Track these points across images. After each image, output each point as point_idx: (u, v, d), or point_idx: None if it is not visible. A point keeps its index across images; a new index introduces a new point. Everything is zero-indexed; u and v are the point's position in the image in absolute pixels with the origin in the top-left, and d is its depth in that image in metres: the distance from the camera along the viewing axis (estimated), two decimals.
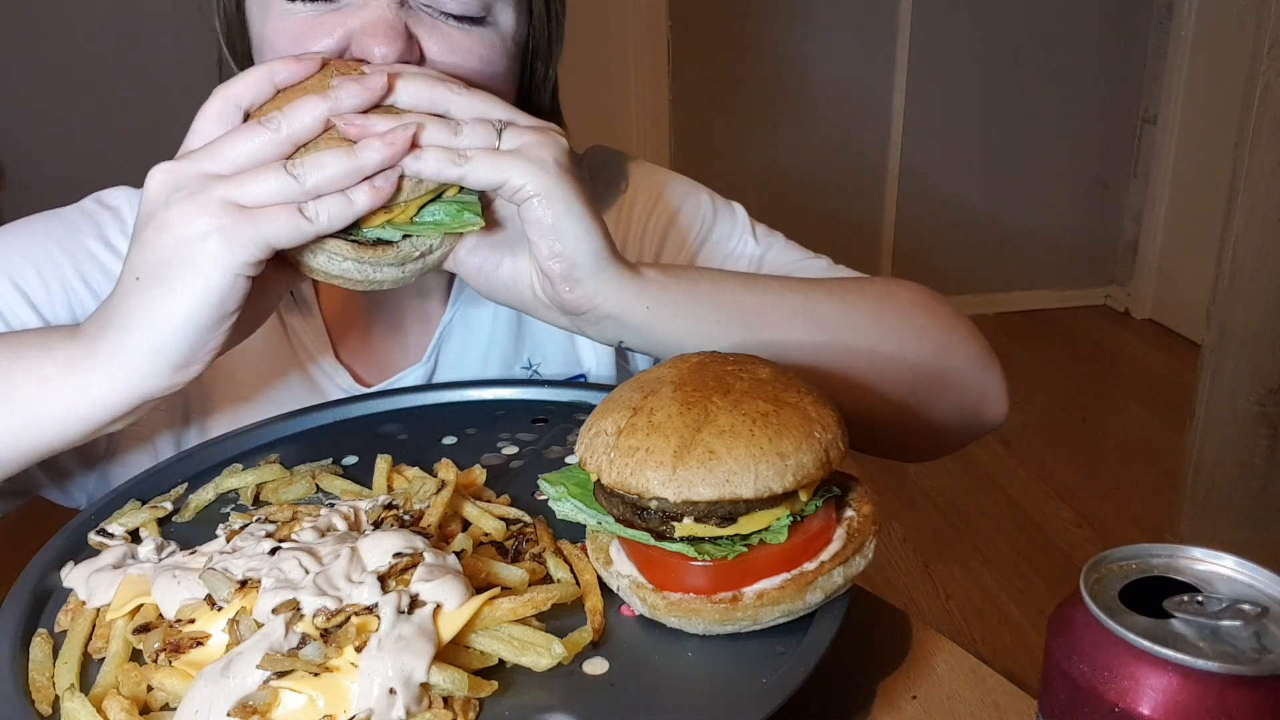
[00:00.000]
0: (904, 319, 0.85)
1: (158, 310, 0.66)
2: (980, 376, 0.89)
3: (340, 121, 0.67)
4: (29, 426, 0.69)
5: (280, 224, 0.65)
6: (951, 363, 0.87)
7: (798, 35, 3.87)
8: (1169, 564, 0.49)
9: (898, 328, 0.84)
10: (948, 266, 4.26)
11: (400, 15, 0.76)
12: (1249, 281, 2.25)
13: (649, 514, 0.58)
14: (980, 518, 2.84)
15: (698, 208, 1.03)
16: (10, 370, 0.69)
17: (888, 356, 0.83)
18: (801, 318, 0.80)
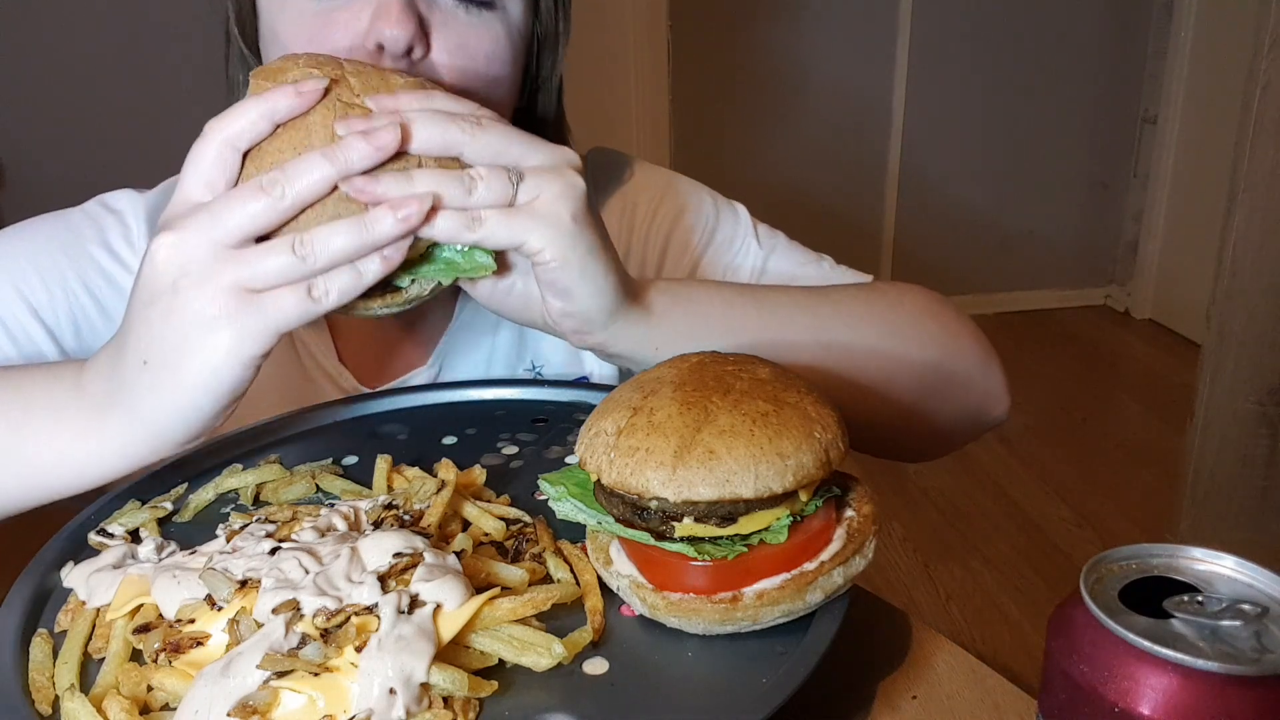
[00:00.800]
0: (912, 327, 0.86)
1: (166, 399, 0.65)
2: (984, 377, 0.90)
3: (348, 188, 0.63)
4: (40, 480, 0.71)
5: (289, 310, 0.64)
6: (956, 366, 0.88)
7: (798, 36, 3.87)
8: (1169, 564, 0.50)
9: (905, 336, 0.85)
10: (948, 266, 4.26)
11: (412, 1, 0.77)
12: (1249, 281, 2.25)
13: (649, 514, 0.58)
14: (980, 518, 2.84)
15: (700, 210, 1.02)
16: (20, 433, 0.70)
17: (896, 365, 0.84)
18: (811, 336, 0.81)
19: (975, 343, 0.90)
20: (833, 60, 3.91)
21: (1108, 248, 4.34)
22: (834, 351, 0.81)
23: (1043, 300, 4.37)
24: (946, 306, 0.90)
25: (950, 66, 3.98)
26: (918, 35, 3.91)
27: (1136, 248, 4.23)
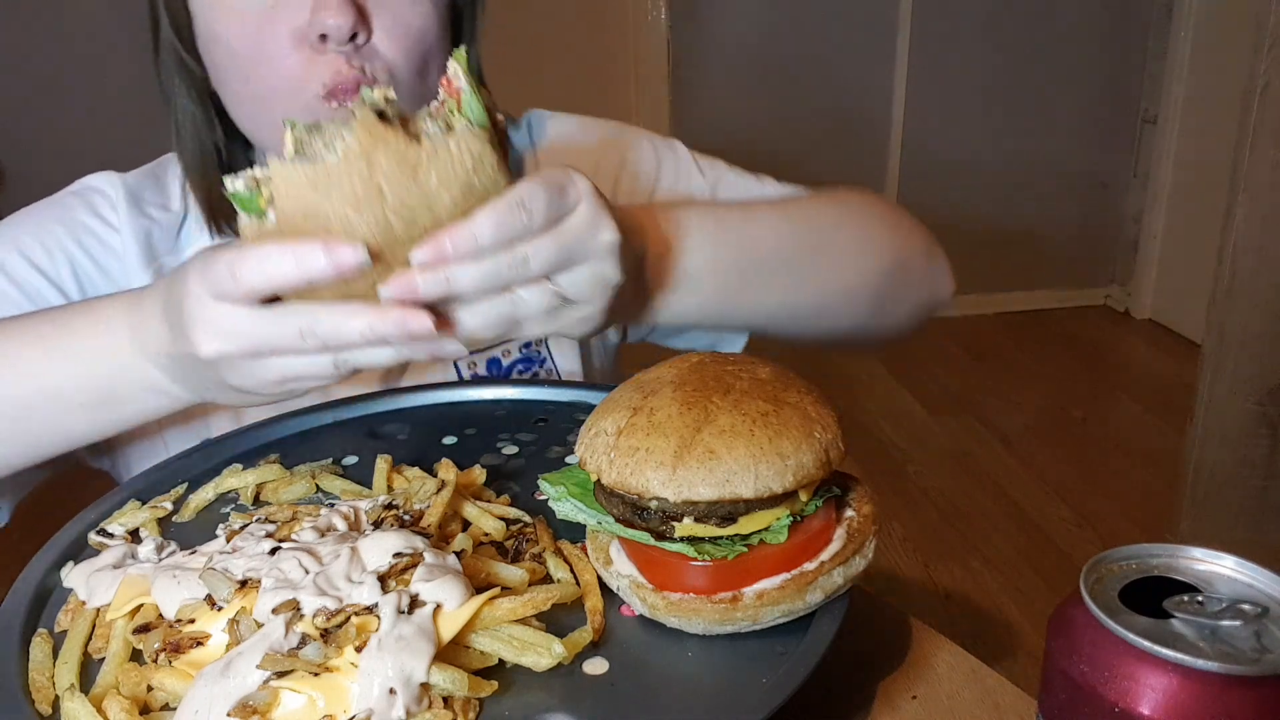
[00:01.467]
0: (875, 227, 0.94)
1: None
2: (932, 263, 1.00)
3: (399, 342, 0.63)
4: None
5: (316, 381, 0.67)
6: (912, 257, 0.97)
7: (798, 35, 3.87)
8: (1169, 564, 0.50)
9: (872, 235, 0.94)
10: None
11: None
12: (1249, 281, 2.25)
13: (649, 514, 0.58)
14: (980, 518, 2.84)
15: (641, 155, 1.06)
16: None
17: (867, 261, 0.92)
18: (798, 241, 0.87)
19: (923, 236, 0.99)
20: (833, 59, 3.91)
21: (1108, 248, 4.33)
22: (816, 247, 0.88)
23: (1043, 300, 4.37)
24: (894, 207, 0.98)
25: (950, 66, 3.98)
26: (918, 34, 3.91)
27: (1136, 248, 4.23)
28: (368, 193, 0.58)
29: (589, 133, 1.08)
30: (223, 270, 0.60)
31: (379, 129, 0.58)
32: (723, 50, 3.84)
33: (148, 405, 0.73)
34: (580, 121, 1.09)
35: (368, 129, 0.57)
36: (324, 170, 0.57)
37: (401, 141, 0.58)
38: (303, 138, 0.60)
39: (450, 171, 0.59)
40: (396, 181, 0.58)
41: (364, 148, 0.57)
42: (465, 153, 0.59)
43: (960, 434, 3.30)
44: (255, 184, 0.61)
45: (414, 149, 0.58)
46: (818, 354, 3.76)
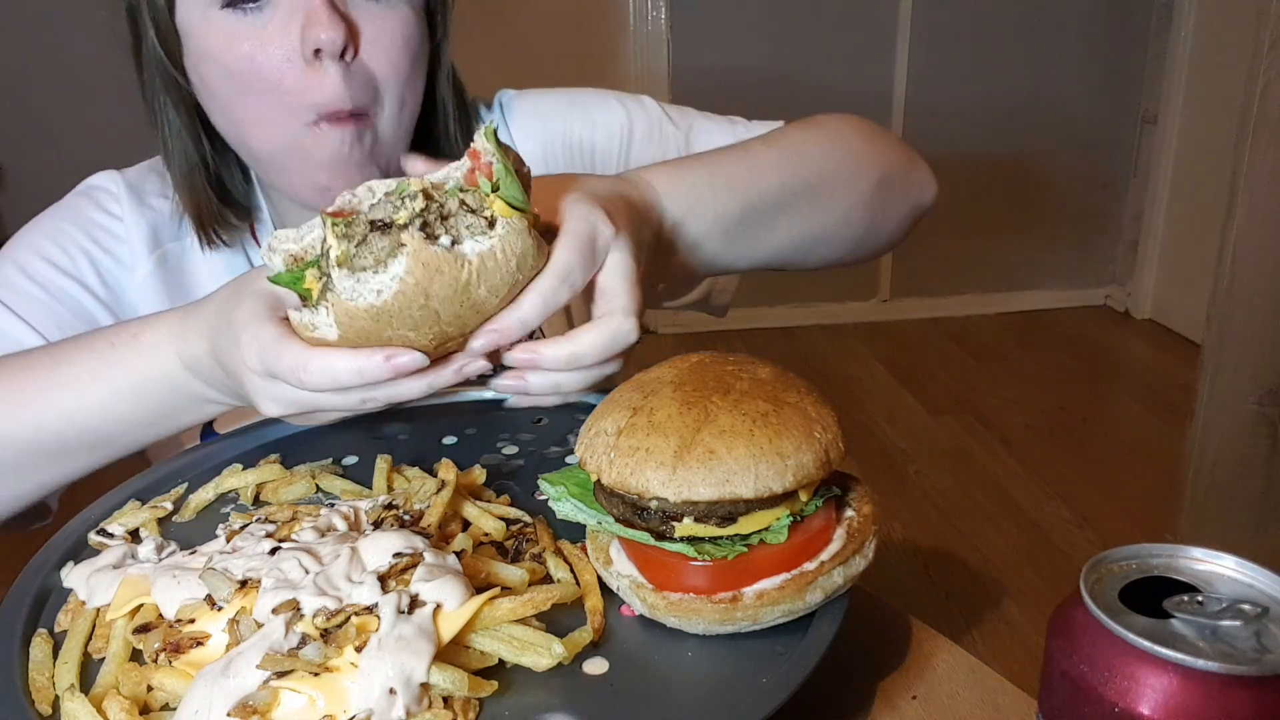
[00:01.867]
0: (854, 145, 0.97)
1: None
2: (914, 170, 1.05)
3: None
4: None
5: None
6: (893, 168, 1.00)
7: (797, 36, 3.87)
8: (1169, 564, 0.50)
9: (853, 154, 0.96)
10: (948, 266, 4.26)
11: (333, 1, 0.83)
12: (1249, 281, 2.25)
13: (649, 514, 0.58)
14: (980, 518, 2.84)
15: (611, 116, 1.09)
16: None
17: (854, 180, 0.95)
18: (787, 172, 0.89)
19: (901, 147, 1.04)
20: (833, 59, 3.91)
21: (1108, 248, 4.33)
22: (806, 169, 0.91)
23: (1043, 300, 4.37)
24: (868, 123, 1.01)
25: (950, 66, 3.98)
26: (918, 34, 3.91)
27: (1136, 248, 4.23)
28: (425, 318, 0.62)
29: (558, 103, 1.11)
30: (286, 371, 0.63)
31: (432, 260, 0.61)
32: (722, 52, 3.84)
33: (204, 412, 0.76)
34: (549, 95, 1.12)
35: (422, 263, 0.60)
36: (385, 309, 0.61)
37: (453, 267, 0.61)
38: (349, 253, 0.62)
39: (498, 278, 0.63)
40: (450, 303, 0.62)
41: (420, 284, 0.61)
42: (509, 256, 0.63)
43: (960, 434, 3.30)
44: (294, 262, 0.66)
45: (464, 270, 0.62)
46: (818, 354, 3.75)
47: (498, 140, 0.65)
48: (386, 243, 0.62)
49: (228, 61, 0.84)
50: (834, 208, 0.93)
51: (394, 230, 0.62)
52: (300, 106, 0.85)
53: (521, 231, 0.63)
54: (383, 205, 0.64)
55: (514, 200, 0.64)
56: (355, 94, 0.86)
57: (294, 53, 0.84)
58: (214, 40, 0.84)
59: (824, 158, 0.93)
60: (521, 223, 0.63)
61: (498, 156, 0.64)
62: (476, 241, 0.62)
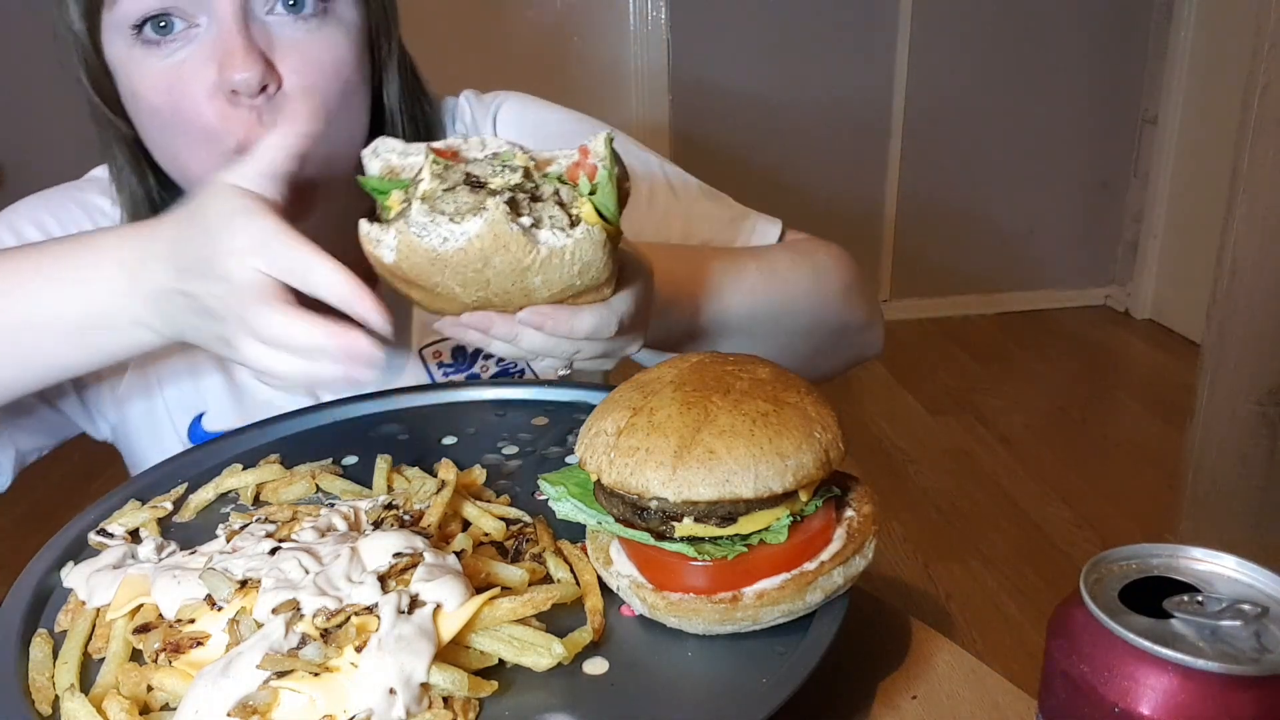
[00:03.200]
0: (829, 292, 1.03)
1: None
2: (869, 328, 1.10)
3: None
4: None
5: None
6: (852, 321, 1.07)
7: (798, 36, 3.86)
8: (1169, 564, 0.50)
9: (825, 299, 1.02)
10: (948, 266, 4.26)
11: (248, 35, 0.80)
12: (1249, 281, 2.25)
13: (649, 514, 0.58)
14: (980, 518, 2.84)
15: None
16: None
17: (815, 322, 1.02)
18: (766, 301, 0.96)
19: (867, 304, 1.08)
20: (833, 59, 3.91)
21: (1108, 248, 4.33)
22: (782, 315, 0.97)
23: (1043, 300, 4.37)
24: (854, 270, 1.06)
25: (950, 66, 3.97)
26: (917, 35, 3.91)
27: (1136, 248, 4.23)
28: (475, 280, 0.65)
29: (560, 123, 1.08)
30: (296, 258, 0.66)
31: (504, 235, 0.62)
32: (723, 53, 3.84)
33: (133, 339, 0.76)
34: (553, 111, 1.09)
35: (495, 233, 0.62)
36: (444, 257, 0.63)
37: (521, 248, 0.63)
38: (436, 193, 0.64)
39: (557, 275, 0.65)
40: (504, 277, 0.64)
41: (485, 251, 0.62)
42: (576, 260, 0.64)
43: (960, 434, 3.30)
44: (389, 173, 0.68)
45: (530, 255, 0.63)
46: None
47: (612, 149, 0.66)
48: (471, 200, 0.64)
49: (151, 99, 0.83)
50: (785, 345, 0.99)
51: (483, 192, 0.64)
52: (223, 143, 0.83)
53: (598, 243, 0.64)
54: (485, 164, 0.66)
55: (605, 209, 0.65)
56: None
57: (213, 89, 0.81)
58: (137, 78, 0.83)
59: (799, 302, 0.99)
60: (601, 234, 0.64)
61: (605, 164, 0.65)
62: (553, 235, 0.64)
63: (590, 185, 0.66)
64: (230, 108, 0.82)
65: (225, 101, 0.82)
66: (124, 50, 0.82)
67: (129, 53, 0.82)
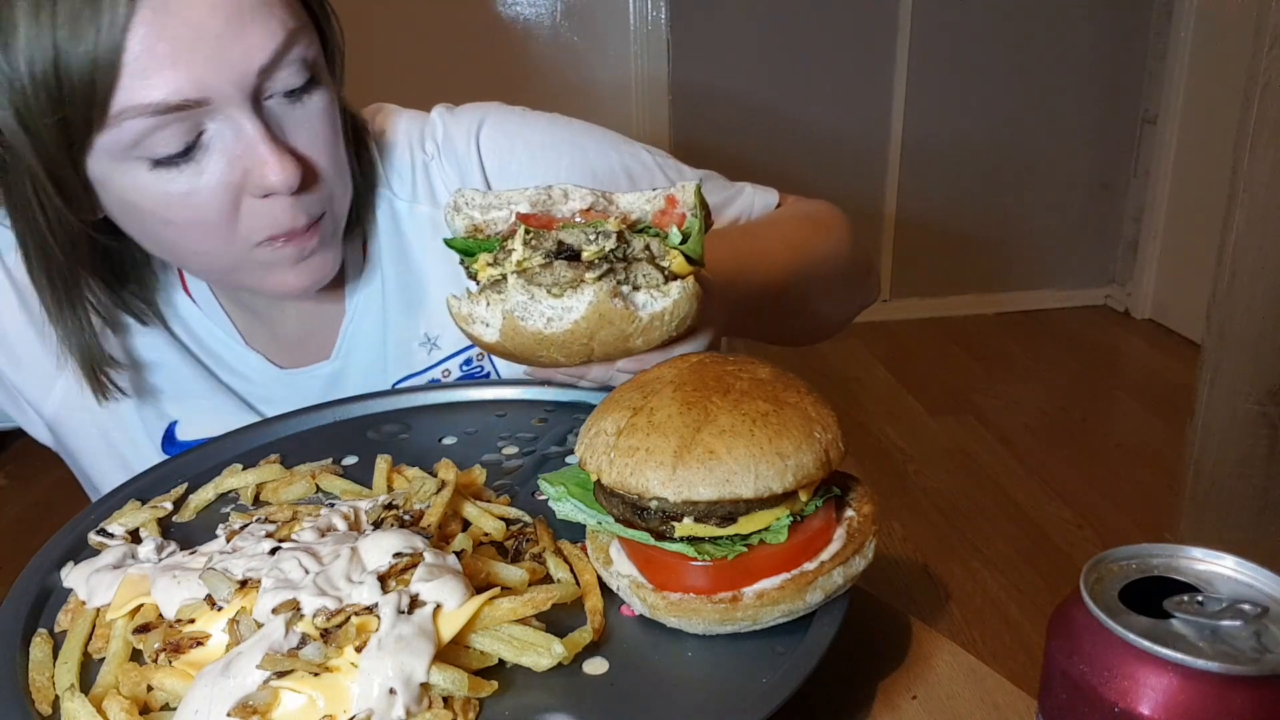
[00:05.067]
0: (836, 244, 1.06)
1: None
2: (869, 275, 1.16)
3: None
4: None
5: None
6: (857, 273, 1.11)
7: (798, 37, 3.86)
8: (1169, 564, 0.49)
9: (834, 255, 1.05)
10: (948, 267, 4.26)
11: (272, 138, 0.77)
12: (1249, 281, 2.25)
13: (649, 514, 0.58)
14: (980, 518, 2.84)
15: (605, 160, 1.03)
16: None
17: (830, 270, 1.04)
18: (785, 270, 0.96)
19: (865, 258, 1.12)
20: (833, 59, 3.91)
21: (1108, 248, 4.33)
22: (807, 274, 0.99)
23: (1043, 300, 4.37)
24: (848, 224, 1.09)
25: (950, 66, 3.97)
26: (918, 35, 3.91)
27: (1136, 248, 4.23)
28: (580, 351, 0.66)
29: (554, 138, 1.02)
30: None
31: (609, 313, 0.63)
32: (723, 54, 3.84)
33: None
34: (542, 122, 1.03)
35: (599, 314, 0.63)
36: (550, 338, 0.64)
37: (624, 320, 0.64)
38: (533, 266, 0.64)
39: (656, 335, 0.66)
40: (608, 346, 0.66)
41: (590, 329, 0.64)
42: (674, 318, 0.66)
43: (960, 434, 3.30)
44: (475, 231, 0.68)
45: (633, 324, 0.65)
46: (818, 354, 3.74)
47: (702, 199, 0.66)
48: (570, 274, 0.64)
49: (166, 214, 0.78)
50: (808, 310, 1.03)
51: (580, 266, 0.64)
52: (245, 236, 0.81)
53: (693, 296, 0.65)
54: (576, 231, 0.66)
55: (695, 255, 0.66)
56: (310, 209, 0.82)
57: (237, 192, 0.78)
58: (144, 196, 0.77)
59: (820, 266, 1.01)
60: (695, 287, 0.65)
61: (697, 214, 0.66)
62: (652, 299, 0.65)
63: (680, 234, 0.66)
64: (261, 205, 0.79)
65: (254, 200, 0.79)
66: (122, 169, 0.75)
67: (131, 173, 0.75)
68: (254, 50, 0.73)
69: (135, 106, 0.71)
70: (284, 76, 0.77)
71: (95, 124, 0.72)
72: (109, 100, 0.70)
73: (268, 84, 0.76)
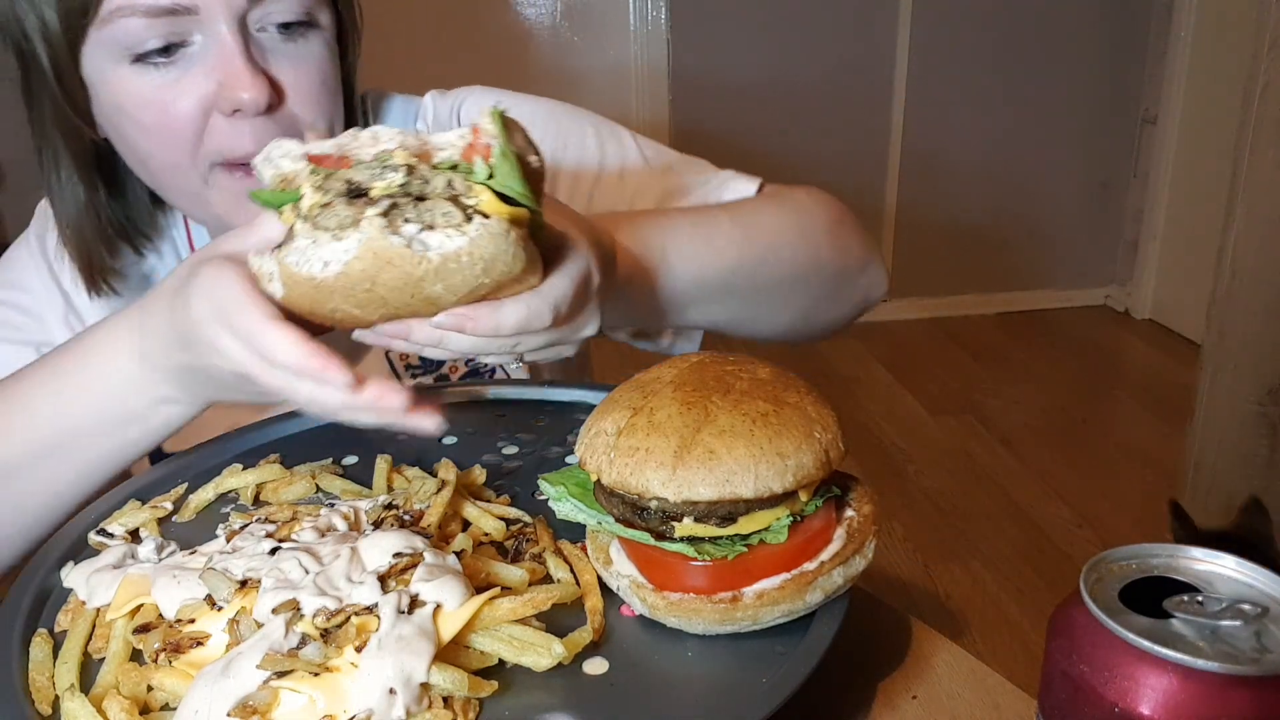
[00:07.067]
0: (817, 233, 0.96)
1: None
2: (868, 267, 1.01)
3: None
4: None
5: None
6: (848, 262, 0.99)
7: (798, 36, 3.86)
8: (1169, 564, 0.50)
9: (813, 242, 0.95)
10: (948, 267, 4.26)
11: (250, 55, 0.81)
12: (1249, 281, 2.25)
13: (649, 514, 0.58)
14: (980, 518, 2.84)
15: (584, 144, 1.03)
16: None
17: (808, 268, 0.94)
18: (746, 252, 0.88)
19: (862, 242, 1.00)
20: (833, 58, 3.91)
21: (1108, 248, 4.33)
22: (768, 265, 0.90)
23: (1042, 300, 4.37)
24: (840, 209, 0.99)
25: (950, 65, 3.97)
26: (918, 34, 3.91)
27: (1136, 248, 4.23)
28: (370, 300, 0.58)
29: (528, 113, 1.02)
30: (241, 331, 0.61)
31: (384, 252, 0.55)
32: (723, 53, 3.84)
33: (164, 419, 0.73)
34: (521, 101, 1.05)
35: (374, 251, 0.55)
36: (327, 284, 0.57)
37: (408, 261, 0.56)
38: (317, 209, 0.58)
39: (458, 280, 0.57)
40: (400, 293, 0.58)
41: (367, 271, 0.56)
42: (476, 260, 0.56)
43: (960, 434, 3.30)
44: (283, 183, 0.60)
45: (420, 266, 0.56)
46: (818, 354, 3.74)
47: (504, 122, 0.58)
48: (350, 213, 0.57)
49: (140, 116, 0.82)
50: (786, 299, 0.94)
51: (362, 202, 0.57)
52: (206, 154, 0.83)
53: (498, 235, 0.56)
54: (364, 170, 0.58)
55: (510, 191, 0.57)
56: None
57: (208, 105, 0.81)
58: (124, 94, 0.81)
59: (783, 242, 0.92)
60: (502, 225, 0.56)
61: (500, 141, 0.57)
62: (446, 237, 0.56)
63: (486, 169, 0.57)
64: (227, 124, 0.82)
65: (221, 118, 0.82)
66: (110, 68, 0.81)
67: (116, 70, 0.80)
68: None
69: (130, 5, 0.75)
70: (277, 9, 0.81)
71: (91, 16, 0.77)
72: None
73: (258, 10, 0.80)
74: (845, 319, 1.04)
